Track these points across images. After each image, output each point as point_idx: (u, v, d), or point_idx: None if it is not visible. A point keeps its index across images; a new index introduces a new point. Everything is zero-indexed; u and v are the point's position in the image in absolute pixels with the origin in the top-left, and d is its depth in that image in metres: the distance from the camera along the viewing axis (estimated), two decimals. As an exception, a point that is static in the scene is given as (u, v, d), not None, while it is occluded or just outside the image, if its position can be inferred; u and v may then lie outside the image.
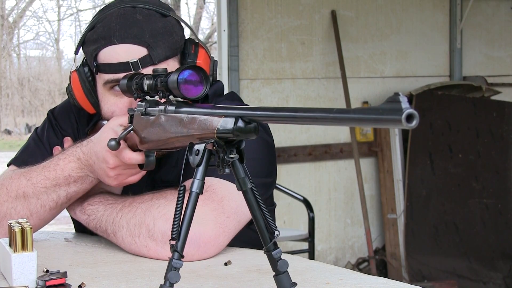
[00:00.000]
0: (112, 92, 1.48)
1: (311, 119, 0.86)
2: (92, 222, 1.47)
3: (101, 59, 1.48)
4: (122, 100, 1.46)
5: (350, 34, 4.62)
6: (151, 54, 1.44)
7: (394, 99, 0.75)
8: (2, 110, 19.15)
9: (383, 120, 0.76)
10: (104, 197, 1.49)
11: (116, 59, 1.45)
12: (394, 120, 0.75)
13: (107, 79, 1.47)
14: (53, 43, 20.06)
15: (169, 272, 0.95)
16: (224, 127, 0.97)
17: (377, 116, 0.77)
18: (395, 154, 4.62)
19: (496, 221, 4.76)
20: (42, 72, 19.77)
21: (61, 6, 18.89)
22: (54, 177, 1.46)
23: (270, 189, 1.57)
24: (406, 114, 0.74)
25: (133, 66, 1.43)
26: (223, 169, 0.99)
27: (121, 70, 1.44)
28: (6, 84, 19.35)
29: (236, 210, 1.38)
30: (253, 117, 0.95)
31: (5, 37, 18.42)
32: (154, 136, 1.23)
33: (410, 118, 0.74)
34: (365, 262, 4.70)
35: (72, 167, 1.45)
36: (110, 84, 1.47)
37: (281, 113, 0.90)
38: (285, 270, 1.01)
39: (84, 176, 1.46)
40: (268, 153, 1.54)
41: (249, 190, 1.00)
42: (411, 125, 0.74)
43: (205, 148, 0.99)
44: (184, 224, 0.97)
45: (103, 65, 1.47)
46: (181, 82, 1.13)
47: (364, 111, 0.79)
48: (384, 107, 0.76)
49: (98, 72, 1.49)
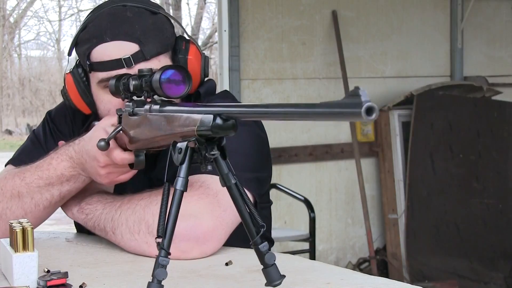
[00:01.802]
0: (106, 91, 1.49)
1: (280, 114, 0.90)
2: (91, 221, 1.47)
3: (94, 58, 1.49)
4: (116, 98, 1.47)
5: (351, 34, 4.62)
6: (142, 50, 1.46)
7: (355, 93, 0.79)
8: (3, 110, 19.17)
9: (345, 113, 0.80)
10: (102, 196, 1.50)
11: (109, 56, 1.46)
12: (354, 113, 0.78)
13: (101, 77, 1.48)
14: (54, 43, 20.08)
15: (156, 269, 0.97)
16: (203, 125, 0.99)
17: (339, 109, 0.80)
18: (396, 154, 4.62)
19: (497, 221, 4.76)
20: (43, 72, 19.79)
21: (62, 6, 18.91)
22: (47, 177, 1.47)
23: (265, 184, 1.57)
24: (365, 107, 0.77)
25: (126, 62, 1.45)
26: (205, 166, 1.02)
27: (114, 67, 1.46)
28: (7, 84, 19.37)
29: (231, 204, 1.39)
30: (230, 113, 0.97)
31: (6, 37, 18.44)
32: (142, 136, 1.25)
33: (369, 111, 0.77)
34: (366, 262, 4.70)
35: (64, 166, 1.46)
36: (104, 83, 1.48)
37: (254, 109, 0.94)
38: (273, 262, 1.02)
39: (76, 174, 1.47)
40: (261, 147, 1.55)
41: (233, 185, 1.03)
42: (370, 118, 0.77)
43: (187, 146, 1.02)
44: (169, 221, 0.99)
45: (96, 63, 1.48)
46: (163, 82, 1.17)
47: (328, 105, 0.82)
48: (345, 101, 0.80)
49: (91, 71, 1.50)
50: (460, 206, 4.65)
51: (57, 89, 17.99)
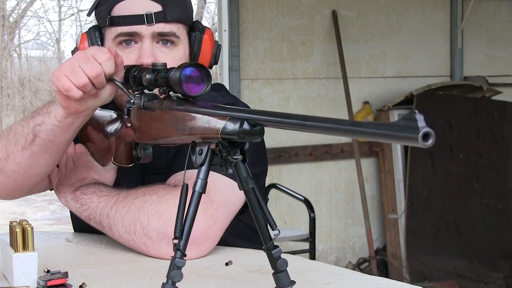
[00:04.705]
0: (120, 48, 1.48)
1: (321, 129, 0.84)
2: (86, 212, 1.46)
3: (116, 12, 1.49)
4: (131, 56, 1.47)
5: (351, 34, 4.62)
6: (165, 11, 1.47)
7: (410, 117, 0.75)
8: (3, 110, 19.17)
9: (399, 137, 0.76)
10: (98, 188, 1.48)
11: (131, 10, 1.47)
12: (410, 138, 0.74)
13: (120, 31, 1.48)
14: (54, 43, 20.06)
15: (172, 271, 0.95)
16: (229, 129, 0.96)
17: (393, 132, 0.76)
18: (396, 154, 4.62)
19: (497, 221, 4.76)
20: (43, 72, 19.77)
21: (62, 6, 18.90)
22: (31, 115, 1.43)
23: (261, 179, 1.57)
24: (423, 132, 0.73)
25: (147, 18, 1.46)
26: (226, 169, 0.99)
27: (135, 22, 1.46)
28: (7, 84, 19.36)
29: (224, 201, 1.39)
30: (260, 121, 0.94)
31: (5, 37, 18.43)
32: (153, 131, 1.22)
33: (426, 137, 0.74)
34: (366, 262, 4.70)
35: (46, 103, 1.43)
36: (122, 38, 1.48)
37: (291, 120, 0.88)
38: (285, 269, 1.02)
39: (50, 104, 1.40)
40: (257, 142, 1.54)
41: (251, 189, 1.01)
42: (427, 144, 0.74)
43: (208, 148, 0.99)
44: (187, 223, 0.97)
45: (117, 17, 1.48)
46: (183, 79, 1.12)
47: (378, 126, 0.78)
48: (400, 124, 0.76)
49: (111, 25, 1.49)
50: (460, 206, 4.65)
51: (57, 89, 17.94)
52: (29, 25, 21.16)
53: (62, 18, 19.06)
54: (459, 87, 4.82)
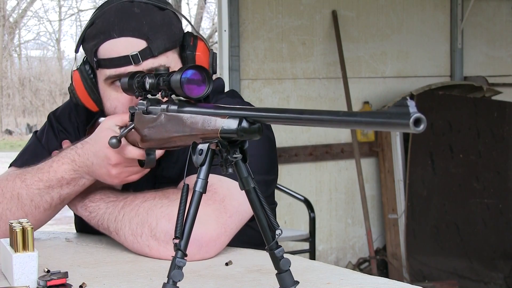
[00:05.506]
0: (113, 88, 1.48)
1: (317, 121, 0.86)
2: (94, 219, 1.47)
3: (101, 54, 1.47)
4: (124, 95, 1.45)
5: (351, 34, 4.62)
6: (150, 46, 1.44)
7: (402, 103, 0.76)
8: (3, 110, 19.17)
9: (391, 123, 0.77)
10: (105, 194, 1.49)
11: (116, 52, 1.45)
12: (402, 124, 0.76)
13: (108, 74, 1.47)
14: (54, 43, 20.07)
15: (173, 270, 0.96)
16: (228, 127, 0.97)
17: (385, 119, 0.78)
18: (396, 154, 4.62)
19: (497, 221, 4.76)
20: (43, 72, 19.77)
21: (62, 6, 18.91)
22: (47, 179, 1.46)
23: (271, 186, 1.57)
24: (414, 118, 0.75)
25: (133, 59, 1.43)
26: (226, 168, 1.00)
27: (121, 64, 1.44)
28: (7, 84, 19.36)
29: (238, 209, 1.39)
30: (258, 117, 0.95)
31: (6, 37, 18.43)
32: (156, 135, 1.23)
33: (417, 122, 0.75)
34: (366, 262, 4.70)
35: (65, 169, 1.45)
36: (111, 80, 1.47)
37: (286, 115, 0.90)
38: (288, 268, 1.01)
39: (77, 178, 1.46)
40: (270, 150, 1.55)
41: (252, 189, 1.01)
42: (418, 129, 0.75)
43: (208, 147, 1.00)
44: (187, 223, 0.98)
45: (104, 60, 1.47)
46: (184, 82, 1.14)
47: (371, 115, 0.80)
48: (391, 111, 0.77)
49: (98, 67, 1.49)
50: (460, 206, 4.65)
51: (57, 89, 17.99)
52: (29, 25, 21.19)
53: (62, 18, 19.08)
54: (459, 87, 4.82)
